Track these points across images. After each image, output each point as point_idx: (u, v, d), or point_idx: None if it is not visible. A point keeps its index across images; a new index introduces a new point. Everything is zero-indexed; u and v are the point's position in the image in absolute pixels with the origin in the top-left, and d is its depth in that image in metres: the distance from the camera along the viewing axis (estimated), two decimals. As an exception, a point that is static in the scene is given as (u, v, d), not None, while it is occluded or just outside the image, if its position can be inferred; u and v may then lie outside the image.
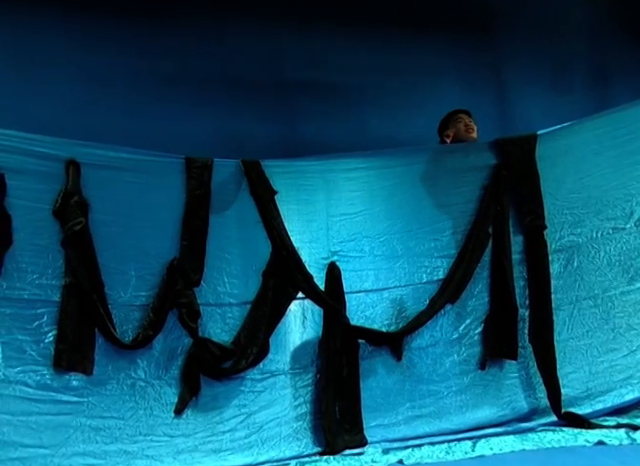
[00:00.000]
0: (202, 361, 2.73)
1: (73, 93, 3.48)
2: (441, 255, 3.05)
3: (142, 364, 2.67)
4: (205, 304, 2.79)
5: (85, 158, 2.66)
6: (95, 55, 3.58)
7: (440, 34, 4.16)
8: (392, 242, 3.02)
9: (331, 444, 2.78)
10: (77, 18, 3.59)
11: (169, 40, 3.73)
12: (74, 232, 2.59)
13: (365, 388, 2.89)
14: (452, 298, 3.01)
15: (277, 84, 3.88)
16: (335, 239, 2.99)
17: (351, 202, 3.01)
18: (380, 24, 4.06)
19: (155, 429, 2.64)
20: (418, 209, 3.05)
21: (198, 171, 2.83)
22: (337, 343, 2.89)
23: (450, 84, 4.15)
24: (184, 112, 3.65)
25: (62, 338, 2.56)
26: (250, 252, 2.88)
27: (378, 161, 3.05)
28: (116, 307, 2.67)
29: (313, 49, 3.94)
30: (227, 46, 3.83)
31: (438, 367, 2.97)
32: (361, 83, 4.02)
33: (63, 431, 2.51)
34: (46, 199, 2.59)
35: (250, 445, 2.74)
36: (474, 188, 3.07)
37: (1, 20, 3.46)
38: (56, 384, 2.54)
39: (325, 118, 3.91)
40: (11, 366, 2.48)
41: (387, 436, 2.87)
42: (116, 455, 2.56)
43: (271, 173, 2.92)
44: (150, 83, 3.65)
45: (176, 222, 2.79)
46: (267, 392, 2.81)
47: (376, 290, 3.00)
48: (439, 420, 2.93)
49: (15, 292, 2.53)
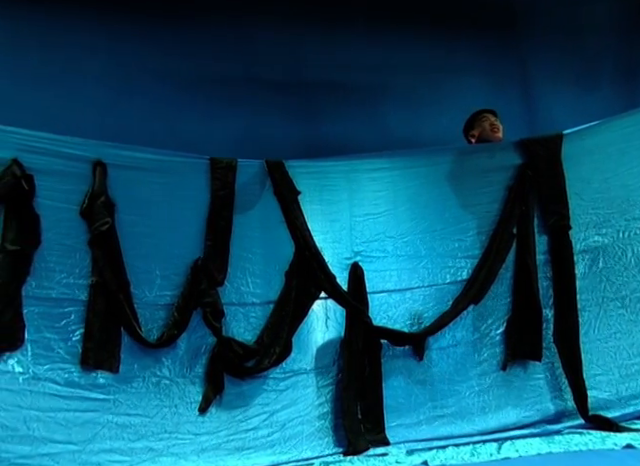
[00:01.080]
0: (226, 360, 2.76)
1: (100, 94, 3.54)
2: (465, 255, 3.04)
3: (167, 362, 2.71)
4: (229, 304, 2.83)
5: (111, 159, 2.70)
6: (121, 57, 3.63)
7: (464, 31, 4.13)
8: (416, 242, 3.03)
9: (353, 444, 2.80)
10: (103, 20, 3.64)
11: (194, 41, 3.76)
12: (101, 232, 2.64)
13: (387, 388, 2.91)
14: (475, 299, 3.01)
15: (300, 84, 3.90)
16: (358, 239, 3.00)
17: (375, 202, 3.02)
18: (403, 23, 4.05)
19: (180, 427, 2.68)
20: (442, 209, 3.05)
21: (222, 171, 2.86)
22: (359, 343, 2.90)
23: (474, 82, 4.13)
24: (208, 113, 3.69)
25: (89, 336, 2.61)
26: (273, 252, 2.91)
27: (402, 161, 3.06)
28: (141, 306, 2.71)
29: (336, 49, 3.95)
30: (251, 47, 3.85)
31: (460, 367, 2.97)
32: (384, 82, 4.02)
33: (91, 428, 2.56)
34: (73, 200, 2.64)
35: (272, 443, 2.77)
36: (499, 188, 3.06)
37: (28, 22, 3.52)
38: (83, 381, 2.59)
39: (348, 118, 3.92)
40: (40, 364, 2.53)
41: (408, 436, 2.88)
42: (142, 452, 2.61)
43: (294, 173, 2.94)
44: (175, 84, 3.70)
45: (200, 222, 2.82)
46: (289, 391, 2.83)
47: (399, 290, 3.00)
48: (461, 420, 2.93)
49: (43, 291, 2.58)
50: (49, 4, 3.50)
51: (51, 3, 3.50)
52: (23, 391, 2.50)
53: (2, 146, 2.53)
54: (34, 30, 3.50)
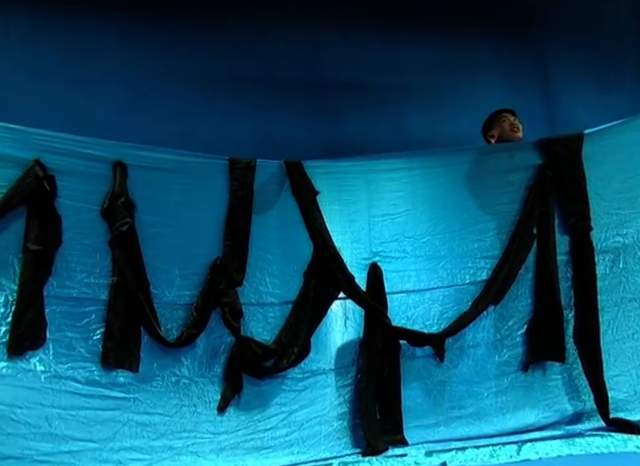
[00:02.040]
0: (244, 360, 2.78)
1: (118, 95, 3.58)
2: (485, 256, 3.04)
3: (186, 362, 2.74)
4: (247, 304, 2.84)
5: (132, 160, 2.72)
6: (139, 57, 3.67)
7: (483, 30, 4.12)
8: (435, 243, 3.03)
9: (372, 444, 2.80)
10: (121, 21, 3.68)
11: (212, 42, 3.79)
12: (121, 232, 2.67)
13: (405, 388, 2.91)
14: (495, 299, 3.00)
15: (319, 84, 3.91)
16: (377, 239, 3.01)
17: (393, 202, 3.02)
18: (421, 22, 4.05)
19: (199, 426, 2.70)
20: (461, 210, 3.04)
21: (241, 172, 2.87)
22: (378, 343, 2.91)
23: (493, 82, 4.11)
24: (227, 113, 3.71)
25: (109, 336, 2.64)
26: (292, 252, 2.92)
27: (421, 161, 3.06)
28: (161, 306, 2.73)
29: (354, 49, 3.95)
30: (270, 47, 3.87)
31: (479, 368, 2.97)
32: (403, 82, 4.02)
33: (111, 426, 2.59)
34: (94, 200, 2.67)
35: (291, 443, 2.78)
36: (519, 188, 3.05)
37: (47, 23, 3.57)
38: (104, 380, 2.62)
39: (367, 118, 3.92)
40: (61, 362, 2.57)
41: (426, 437, 2.89)
42: (162, 451, 2.63)
43: (313, 174, 2.95)
44: (194, 84, 3.73)
45: (219, 222, 2.84)
46: (308, 391, 2.84)
47: (418, 291, 3.01)
48: (479, 421, 2.93)
49: (65, 291, 2.61)
50: (68, 4, 3.54)
51: (70, 3, 3.54)
52: (45, 389, 2.53)
53: (24, 147, 2.57)
54: (53, 31, 3.55)
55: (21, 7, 3.49)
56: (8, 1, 3.45)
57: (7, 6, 3.46)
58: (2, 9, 3.46)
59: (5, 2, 3.45)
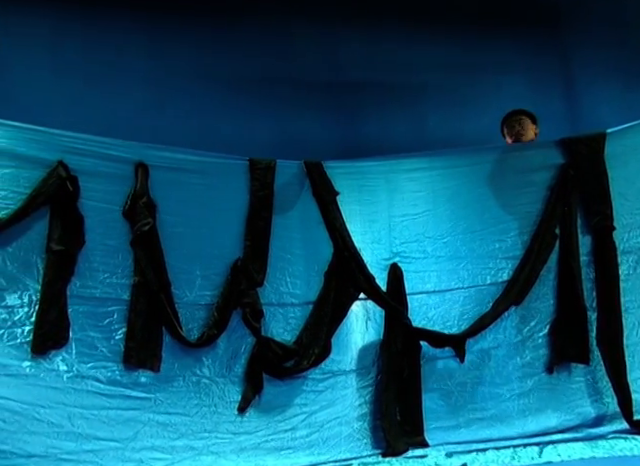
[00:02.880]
0: (265, 360, 2.80)
1: (139, 95, 3.62)
2: (506, 256, 3.04)
3: (207, 362, 2.77)
4: (268, 304, 2.87)
5: (153, 160, 2.76)
6: (159, 58, 3.72)
7: (504, 29, 4.12)
8: (455, 243, 3.03)
9: (392, 445, 2.82)
10: (143, 21, 3.72)
11: (233, 42, 3.83)
12: (143, 232, 2.70)
13: (426, 390, 2.92)
14: (517, 300, 3.00)
15: (339, 85, 3.93)
16: (397, 240, 3.02)
17: (414, 203, 3.04)
18: (441, 21, 4.06)
19: (219, 426, 2.73)
20: (482, 210, 3.05)
21: (261, 172, 2.90)
22: (398, 344, 2.92)
23: (515, 81, 4.11)
24: (247, 114, 3.75)
25: (131, 336, 2.67)
26: (312, 253, 2.94)
27: (442, 161, 3.07)
28: (182, 306, 2.77)
29: (374, 49, 3.97)
30: (290, 48, 3.90)
31: (501, 370, 2.97)
32: (423, 82, 4.03)
33: (133, 425, 2.62)
34: (116, 200, 2.71)
35: (311, 444, 2.80)
36: (540, 188, 3.05)
37: (74, 24, 3.62)
38: (126, 380, 2.65)
39: (387, 118, 3.93)
40: (84, 362, 2.61)
41: (447, 439, 2.90)
42: (183, 450, 2.66)
43: (333, 174, 2.97)
44: (215, 85, 3.77)
45: (240, 223, 2.87)
46: (328, 392, 2.86)
47: (438, 291, 3.01)
48: (500, 424, 2.94)
49: (87, 290, 2.65)
50: (91, 5, 3.59)
51: (93, 4, 3.58)
52: (67, 389, 2.57)
53: (48, 148, 2.61)
54: (76, 32, 3.60)
55: (45, 8, 3.54)
56: (32, 3, 3.50)
57: (31, 7, 3.52)
58: (26, 10, 3.51)
59: (29, 3, 3.50)
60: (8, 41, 3.48)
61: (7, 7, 3.48)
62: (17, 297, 2.54)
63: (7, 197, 2.54)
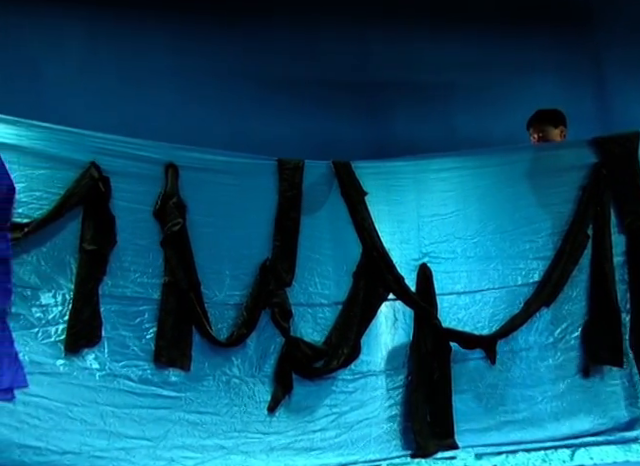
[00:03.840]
0: (294, 360, 2.84)
1: (170, 96, 3.70)
2: (537, 257, 3.05)
3: (236, 362, 2.81)
4: (297, 304, 2.91)
5: (183, 161, 2.82)
6: (189, 59, 3.79)
7: (535, 27, 4.12)
8: (485, 243, 3.05)
9: (422, 447, 2.85)
10: (172, 22, 3.81)
11: (261, 43, 3.89)
12: (173, 232, 2.76)
13: (457, 392, 2.94)
14: (548, 301, 3.02)
15: (367, 84, 3.97)
16: (426, 240, 3.04)
17: (443, 203, 3.06)
18: (470, 20, 4.08)
19: (249, 426, 2.78)
20: (513, 210, 3.07)
21: (290, 172, 2.94)
22: (428, 345, 2.95)
23: (545, 80, 4.11)
24: (276, 114, 3.80)
25: (162, 335, 2.73)
26: (341, 253, 2.98)
27: (471, 161, 3.09)
28: (212, 306, 2.82)
29: (403, 48, 4.00)
30: (318, 47, 3.95)
31: (533, 372, 2.99)
32: (452, 81, 4.05)
33: (163, 424, 2.68)
34: (147, 201, 2.77)
35: (340, 445, 2.84)
36: (572, 188, 3.07)
37: (104, 26, 3.72)
38: (156, 379, 2.71)
39: (416, 118, 3.96)
40: (116, 360, 2.67)
41: (478, 441, 2.92)
42: (213, 450, 2.71)
43: (362, 174, 3.01)
44: (244, 85, 3.83)
45: (269, 223, 2.92)
46: (358, 393, 2.90)
47: (469, 292, 3.03)
48: (532, 426, 2.95)
49: (119, 290, 2.72)
50: (121, 7, 3.67)
51: (123, 6, 3.67)
52: (100, 387, 2.63)
53: (81, 149, 2.68)
54: (107, 35, 3.70)
55: (76, 12, 3.64)
56: (64, 6, 3.60)
57: (63, 12, 3.62)
58: (58, 15, 3.62)
59: (61, 8, 3.60)
60: (42, 43, 3.58)
61: (41, 9, 3.58)
62: (51, 296, 2.61)
63: (41, 198, 2.61)
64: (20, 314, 2.55)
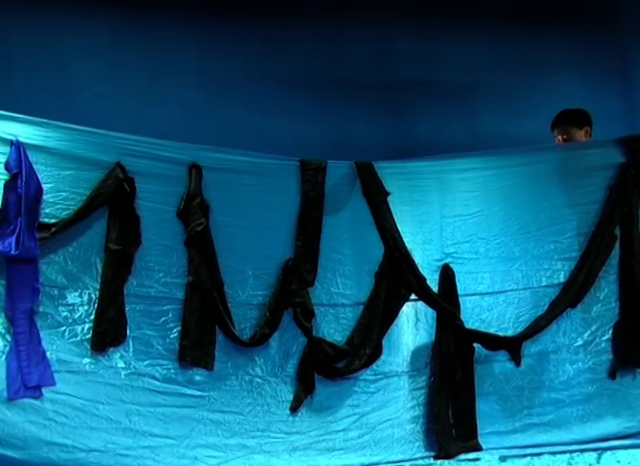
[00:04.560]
0: (316, 360, 2.89)
1: (193, 97, 3.77)
2: (562, 258, 3.07)
3: (259, 361, 2.86)
4: (319, 304, 2.95)
5: (206, 161, 2.87)
6: (211, 60, 3.86)
7: (560, 26, 4.12)
8: (509, 244, 3.07)
9: (444, 449, 2.87)
10: (198, 23, 3.87)
11: (283, 43, 3.95)
12: (196, 232, 2.81)
13: (481, 393, 2.97)
14: (573, 302, 3.03)
15: (390, 84, 4.01)
16: (449, 240, 3.07)
17: (466, 203, 3.08)
18: (495, 19, 4.09)
19: (272, 425, 2.83)
20: (537, 210, 3.08)
21: (312, 173, 2.98)
22: (451, 346, 2.97)
23: (571, 79, 4.12)
24: (298, 114, 3.85)
25: (186, 334, 2.79)
26: (363, 253, 3.02)
27: (495, 161, 3.11)
28: (235, 305, 2.87)
29: (426, 47, 4.03)
30: (341, 47, 4.00)
31: (560, 374, 3.00)
32: (475, 81, 4.07)
33: (187, 423, 2.74)
34: (171, 201, 2.83)
35: (363, 445, 2.88)
36: (598, 188, 3.07)
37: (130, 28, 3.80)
38: (180, 378, 2.77)
39: (438, 118, 3.99)
40: (140, 359, 2.73)
41: (502, 444, 2.95)
42: (236, 449, 2.76)
43: (384, 174, 3.04)
44: (266, 86, 3.89)
45: (291, 223, 2.96)
46: (380, 393, 2.93)
47: (492, 293, 3.05)
48: (558, 429, 2.97)
49: (143, 289, 2.78)
50: (146, 9, 3.75)
51: (148, 7, 3.74)
52: (125, 386, 2.69)
53: (106, 150, 2.74)
54: (132, 36, 3.78)
55: (103, 13, 3.72)
56: (91, 8, 3.68)
57: (90, 13, 3.70)
58: (85, 16, 3.70)
59: (88, 9, 3.68)
60: (69, 45, 3.67)
61: (68, 11, 3.66)
62: (77, 295, 2.68)
63: (68, 198, 2.68)
64: (47, 313, 2.62)
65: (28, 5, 3.59)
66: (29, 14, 3.62)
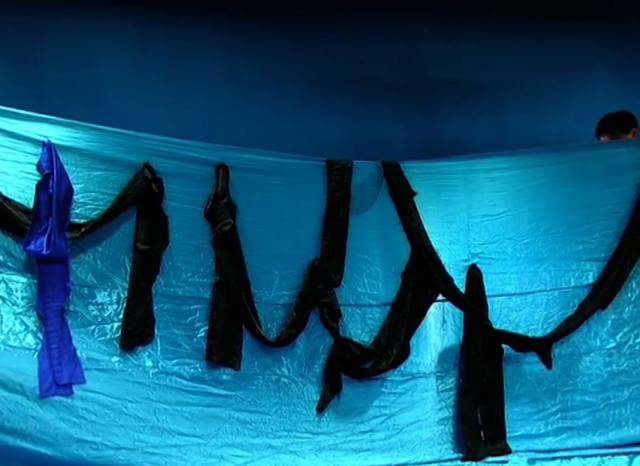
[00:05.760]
0: (343, 361, 2.93)
1: (220, 97, 3.85)
2: (590, 258, 3.09)
3: (286, 361, 2.92)
4: (345, 304, 3.01)
5: (233, 162, 2.95)
6: (240, 60, 3.94)
7: (590, 25, 4.13)
8: (537, 244, 3.10)
9: (472, 451, 2.90)
10: (224, 24, 3.96)
11: (311, 44, 4.03)
12: (223, 232, 2.88)
13: (511, 395, 3.00)
14: (603, 304, 3.05)
15: (416, 84, 4.05)
16: (476, 241, 3.11)
17: (493, 203, 3.12)
18: (522, 18, 4.11)
19: (298, 425, 2.88)
20: (565, 210, 3.11)
21: (338, 173, 3.04)
22: (479, 347, 3.01)
23: (601, 79, 4.13)
24: (325, 114, 3.92)
25: (213, 334, 2.86)
26: (389, 253, 3.07)
27: (522, 160, 3.14)
28: (261, 305, 2.93)
29: (453, 47, 4.08)
30: (367, 47, 4.06)
31: (594, 377, 3.02)
32: (502, 80, 4.10)
33: (214, 422, 2.80)
34: (198, 201, 2.90)
35: (390, 447, 2.92)
36: (629, 188, 3.09)
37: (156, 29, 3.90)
38: (207, 377, 2.84)
39: (465, 117, 4.03)
40: (168, 358, 2.81)
41: (533, 447, 2.97)
42: (262, 448, 2.82)
43: (410, 174, 3.09)
44: (293, 86, 3.98)
45: (317, 223, 3.02)
46: (408, 394, 2.97)
47: (520, 294, 3.08)
48: (592, 434, 2.99)
49: (171, 289, 2.85)
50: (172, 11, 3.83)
51: (174, 9, 3.83)
52: (153, 385, 2.77)
53: (135, 151, 2.83)
54: (160, 36, 3.87)
55: (129, 15, 3.83)
56: (117, 10, 3.79)
57: (116, 15, 3.81)
58: (112, 18, 3.81)
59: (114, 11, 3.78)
60: (96, 47, 3.77)
61: (94, 13, 3.76)
62: (107, 295, 2.76)
63: (97, 198, 2.77)
64: (78, 312, 2.71)
65: (57, 8, 3.70)
66: (58, 17, 3.74)
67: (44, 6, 3.71)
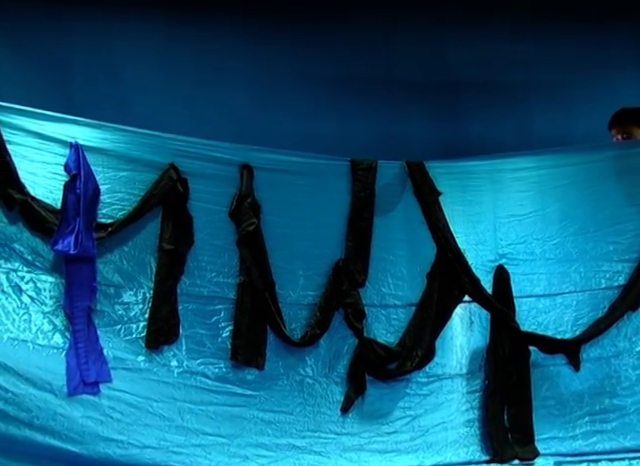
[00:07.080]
0: (368, 361, 2.98)
1: (244, 98, 3.93)
2: (621, 259, 3.09)
3: (310, 362, 2.97)
4: (370, 305, 3.05)
5: (258, 162, 3.01)
6: (264, 61, 4.01)
7: (615, 23, 4.13)
8: (566, 245, 3.11)
9: (499, 453, 2.93)
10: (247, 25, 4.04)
11: (334, 43, 4.08)
12: (248, 232, 2.95)
13: (538, 398, 3.02)
14: (634, 305, 3.06)
15: (441, 84, 4.09)
16: (503, 241, 3.13)
17: (520, 203, 3.14)
18: (548, 17, 4.12)
19: (322, 426, 2.92)
20: (595, 210, 3.12)
21: (363, 173, 3.09)
22: (506, 349, 3.03)
23: (627, 77, 4.12)
24: (349, 114, 3.97)
25: (237, 334, 2.91)
26: (415, 254, 3.11)
27: (550, 160, 3.16)
28: (285, 305, 2.99)
29: (478, 47, 4.10)
30: (393, 47, 4.11)
31: (623, 380, 3.02)
32: (530, 79, 4.12)
33: (238, 422, 2.86)
34: (223, 201, 2.97)
35: (415, 448, 2.95)
36: (660, 187, 3.08)
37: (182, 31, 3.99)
38: (232, 377, 2.89)
39: (491, 117, 4.05)
40: (193, 358, 2.87)
41: (561, 450, 2.99)
42: (286, 449, 2.87)
43: (435, 174, 3.13)
44: (316, 86, 4.03)
45: (341, 224, 3.07)
46: (433, 396, 3.01)
47: (549, 295, 3.10)
48: (622, 438, 2.99)
49: (196, 289, 2.92)
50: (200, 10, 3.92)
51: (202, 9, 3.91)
52: (178, 384, 2.83)
53: (161, 151, 2.91)
54: (186, 38, 3.96)
55: (155, 16, 3.93)
56: (143, 12, 3.89)
57: (142, 16, 3.91)
58: (137, 19, 3.91)
59: (140, 13, 3.88)
60: (122, 48, 3.88)
61: (121, 14, 3.87)
62: (132, 294, 2.84)
63: (123, 199, 2.84)
64: (104, 311, 2.79)
65: (83, 10, 3.81)
66: (85, 20, 3.85)
67: (71, 9, 3.82)
